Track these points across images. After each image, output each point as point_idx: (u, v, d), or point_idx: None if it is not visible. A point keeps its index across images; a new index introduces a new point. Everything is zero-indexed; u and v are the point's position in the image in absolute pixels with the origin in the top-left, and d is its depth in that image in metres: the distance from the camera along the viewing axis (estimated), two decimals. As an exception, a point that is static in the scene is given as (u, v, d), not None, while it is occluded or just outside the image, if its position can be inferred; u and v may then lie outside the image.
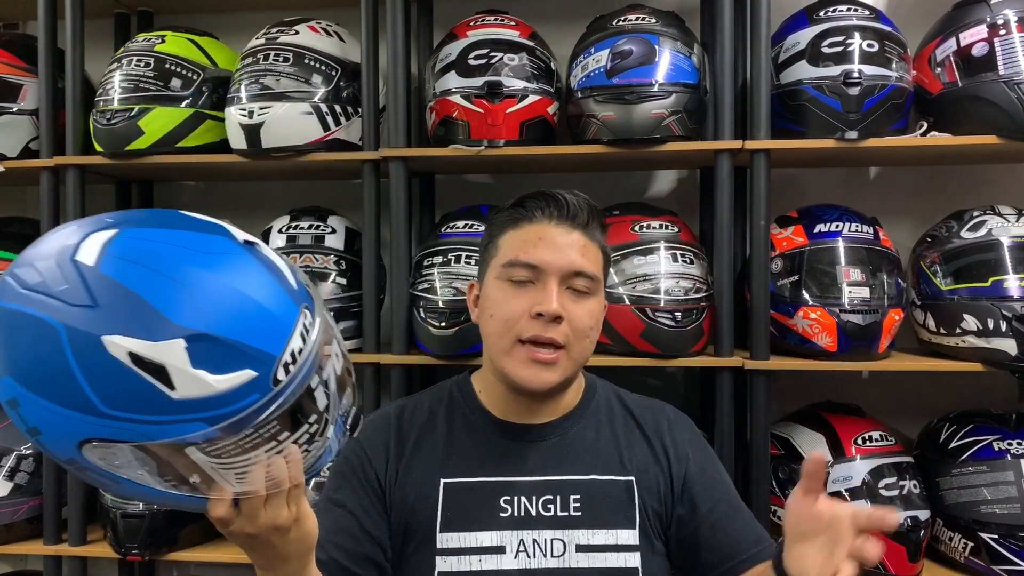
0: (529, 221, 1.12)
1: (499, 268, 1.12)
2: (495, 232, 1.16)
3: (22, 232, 1.98)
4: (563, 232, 1.11)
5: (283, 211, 1.91)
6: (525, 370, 1.08)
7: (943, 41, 1.68)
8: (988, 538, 1.58)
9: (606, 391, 1.25)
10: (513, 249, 1.11)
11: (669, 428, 1.20)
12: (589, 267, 1.11)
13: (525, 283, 1.09)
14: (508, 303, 1.09)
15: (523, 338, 1.07)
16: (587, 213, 1.13)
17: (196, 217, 0.77)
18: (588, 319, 1.10)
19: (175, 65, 1.82)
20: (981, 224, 1.68)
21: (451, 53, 1.74)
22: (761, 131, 1.65)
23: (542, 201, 1.13)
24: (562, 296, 1.08)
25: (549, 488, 1.10)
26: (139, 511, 1.73)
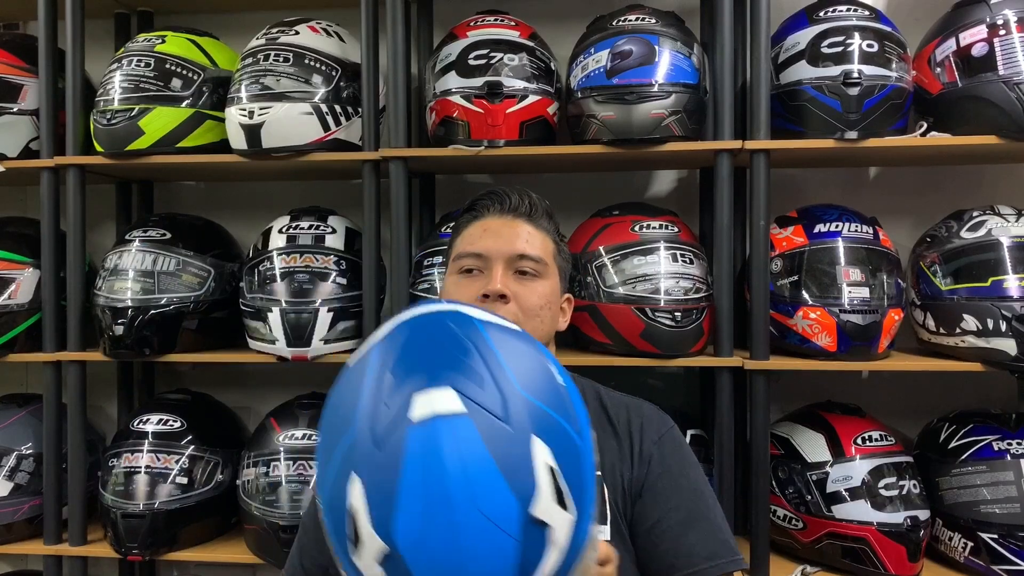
0: (476, 218, 1.21)
1: (451, 263, 1.20)
2: (453, 238, 1.24)
3: (22, 232, 1.98)
4: (506, 222, 1.18)
5: (283, 211, 1.91)
6: None
7: (943, 41, 1.68)
8: (988, 538, 1.58)
9: (584, 388, 1.20)
10: (463, 244, 1.19)
11: (640, 427, 1.17)
12: (532, 251, 1.16)
13: (474, 272, 1.16)
14: (458, 291, 1.15)
15: None
16: (528, 203, 1.20)
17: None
18: (536, 298, 1.14)
19: (175, 65, 1.82)
20: (981, 224, 1.68)
21: (451, 53, 1.74)
22: (761, 131, 1.65)
23: (487, 200, 1.21)
24: (508, 279, 1.13)
25: None
26: (139, 511, 1.73)
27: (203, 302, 1.83)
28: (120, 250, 1.84)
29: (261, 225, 1.90)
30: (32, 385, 2.23)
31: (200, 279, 1.84)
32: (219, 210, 2.13)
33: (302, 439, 1.76)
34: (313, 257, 1.78)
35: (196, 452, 1.81)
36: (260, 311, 1.75)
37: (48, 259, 1.87)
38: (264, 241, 1.83)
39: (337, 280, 1.77)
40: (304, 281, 1.75)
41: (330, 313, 1.73)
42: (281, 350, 1.73)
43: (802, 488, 1.67)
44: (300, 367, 1.78)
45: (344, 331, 1.76)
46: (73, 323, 1.85)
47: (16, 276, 1.90)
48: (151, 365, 2.17)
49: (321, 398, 1.90)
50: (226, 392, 2.11)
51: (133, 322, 1.76)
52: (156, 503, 1.74)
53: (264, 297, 1.75)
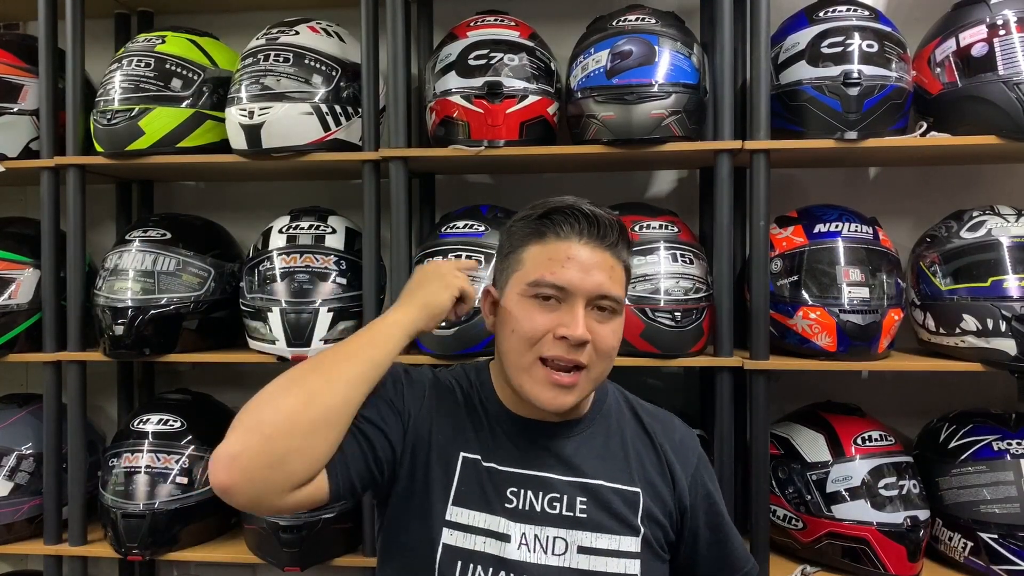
0: (556, 236, 1.07)
1: (523, 286, 1.07)
2: (517, 243, 1.11)
3: (22, 232, 1.98)
4: (591, 252, 1.06)
5: (283, 211, 1.91)
6: (544, 392, 1.05)
7: (943, 41, 1.68)
8: (988, 538, 1.58)
9: (615, 395, 1.23)
10: (539, 267, 1.06)
11: (681, 446, 1.19)
12: (615, 290, 1.07)
13: (549, 299, 1.06)
14: (532, 320, 1.05)
15: (545, 356, 1.05)
16: (617, 233, 1.08)
17: None
18: (612, 339, 1.08)
19: (175, 65, 1.82)
20: (980, 224, 1.68)
21: (451, 53, 1.74)
22: (761, 131, 1.65)
23: (572, 217, 1.07)
24: (587, 318, 1.05)
25: (556, 487, 1.09)
26: (139, 511, 1.73)
27: (203, 302, 1.83)
28: (120, 250, 1.84)
29: (261, 225, 1.90)
30: (32, 385, 2.23)
31: (200, 279, 1.84)
32: (219, 210, 2.13)
33: (302, 439, 1.76)
34: (313, 257, 1.78)
35: (196, 452, 1.81)
36: (260, 311, 1.75)
37: (48, 259, 1.87)
38: (264, 241, 1.83)
39: (337, 280, 1.77)
40: (304, 281, 1.75)
41: (330, 313, 1.73)
42: (281, 350, 1.74)
43: (802, 488, 1.67)
44: (300, 367, 1.78)
45: (344, 331, 1.76)
46: (73, 323, 1.85)
47: (16, 276, 1.90)
48: (151, 365, 2.17)
49: (321, 398, 1.89)
50: (226, 392, 2.11)
51: (133, 322, 1.76)
52: (156, 503, 1.74)
53: (264, 297, 1.75)
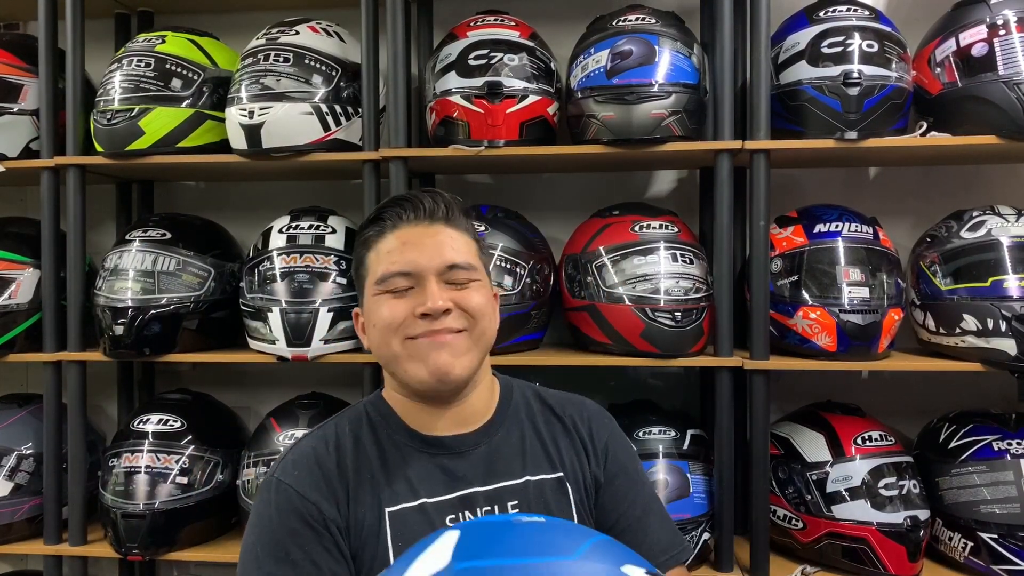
0: (392, 230, 1.07)
1: (373, 286, 1.07)
2: (361, 253, 1.11)
3: (22, 232, 1.98)
4: (426, 230, 1.06)
5: (283, 211, 1.91)
6: (422, 360, 1.02)
7: (943, 41, 1.68)
8: (988, 538, 1.58)
9: (523, 391, 1.20)
10: (382, 263, 1.06)
11: (588, 423, 1.16)
12: (461, 258, 1.06)
13: (402, 291, 1.05)
14: (389, 309, 1.04)
15: (411, 336, 1.03)
16: (444, 205, 1.08)
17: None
18: (478, 297, 1.06)
19: (176, 65, 1.82)
20: (980, 224, 1.68)
21: (451, 53, 1.74)
22: (761, 131, 1.65)
23: (397, 207, 1.08)
24: (444, 291, 1.04)
25: (488, 498, 1.06)
26: (139, 511, 1.73)
27: (203, 302, 1.83)
28: (120, 250, 1.84)
29: (261, 225, 1.90)
30: (32, 385, 2.23)
31: (200, 279, 1.84)
32: (219, 210, 2.13)
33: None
34: (313, 257, 1.78)
35: (196, 452, 1.81)
36: (260, 311, 1.75)
37: (48, 259, 1.87)
38: (264, 241, 1.83)
39: (337, 280, 1.77)
40: (304, 281, 1.75)
41: (330, 313, 1.73)
42: (281, 350, 1.74)
43: (802, 488, 1.67)
44: (300, 367, 1.78)
45: (344, 331, 1.76)
46: (73, 323, 1.85)
47: (16, 276, 1.90)
48: (151, 365, 2.17)
49: (321, 398, 1.90)
50: (226, 392, 2.11)
51: (133, 322, 1.76)
52: (156, 503, 1.74)
53: (264, 297, 1.75)
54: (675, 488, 1.66)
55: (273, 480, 1.04)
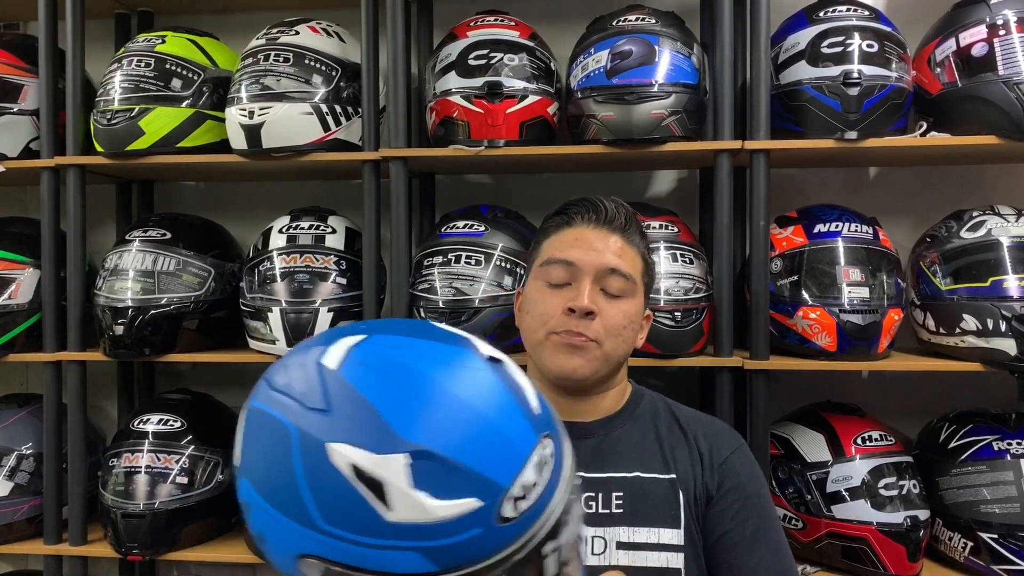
0: (570, 226, 1.17)
1: (537, 269, 1.16)
2: (539, 239, 1.21)
3: (22, 232, 1.98)
4: (600, 234, 1.14)
5: (283, 211, 1.91)
6: (556, 357, 1.10)
7: (943, 41, 1.68)
8: (988, 538, 1.58)
9: (655, 399, 1.24)
10: (551, 250, 1.15)
11: (714, 438, 1.18)
12: (624, 266, 1.12)
13: (562, 286, 1.12)
14: (544, 300, 1.12)
15: (555, 331, 1.10)
16: (624, 217, 1.16)
17: (445, 329, 0.71)
18: (621, 318, 1.11)
19: (176, 65, 1.82)
20: (980, 224, 1.68)
21: (451, 53, 1.74)
22: (761, 131, 1.65)
23: (581, 207, 1.17)
24: (595, 295, 1.10)
25: (591, 485, 1.09)
26: (139, 511, 1.73)
27: (203, 302, 1.84)
28: (120, 250, 1.84)
29: (261, 225, 1.90)
30: (32, 385, 2.23)
31: (200, 279, 1.84)
32: (219, 210, 2.13)
33: (302, 439, 1.76)
34: (313, 257, 1.78)
35: (196, 452, 1.81)
36: (260, 311, 1.75)
37: (48, 259, 1.87)
38: (264, 241, 1.83)
39: (337, 280, 1.77)
40: (304, 281, 1.75)
41: (330, 313, 1.73)
42: (281, 350, 1.73)
43: (802, 488, 1.67)
44: (300, 367, 1.78)
45: (344, 331, 1.76)
46: (73, 323, 1.85)
47: (16, 276, 1.90)
48: (151, 365, 2.17)
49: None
50: (226, 392, 2.11)
51: (133, 322, 1.76)
52: (156, 503, 1.74)
53: (264, 297, 1.75)
54: (675, 488, 1.66)
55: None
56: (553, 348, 1.10)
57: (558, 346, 1.10)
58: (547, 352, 1.11)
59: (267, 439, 0.61)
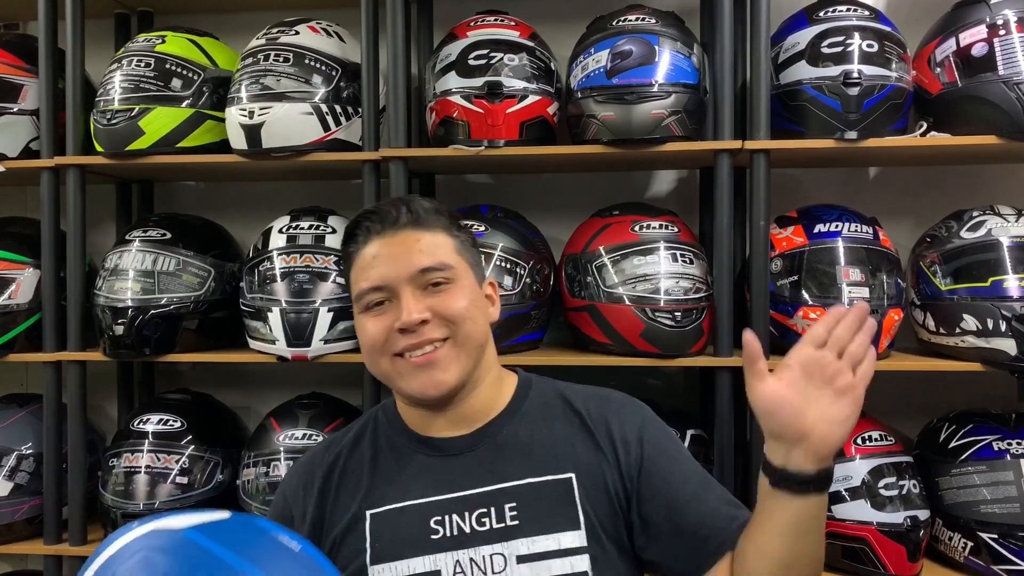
0: (363, 245, 1.08)
1: (356, 305, 1.08)
2: (346, 271, 1.12)
3: (22, 232, 1.98)
4: (393, 239, 1.06)
5: (283, 211, 1.91)
6: (416, 380, 1.03)
7: (943, 41, 1.68)
8: (988, 538, 1.58)
9: (543, 388, 1.16)
10: (358, 281, 1.07)
11: (616, 415, 1.10)
12: (430, 260, 1.04)
13: (383, 304, 1.05)
14: (369, 330, 1.05)
15: (397, 351, 1.03)
16: (407, 210, 1.07)
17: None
18: (459, 303, 1.04)
19: (175, 65, 1.82)
20: (980, 224, 1.68)
21: (451, 53, 1.74)
22: (761, 131, 1.65)
23: (365, 221, 1.08)
24: (421, 298, 1.03)
25: (481, 500, 1.04)
26: (139, 511, 1.73)
27: (203, 302, 1.83)
28: (120, 250, 1.84)
29: (261, 225, 1.90)
30: (32, 385, 2.23)
31: (200, 279, 1.84)
32: (219, 210, 2.13)
33: (302, 439, 1.76)
34: (313, 257, 1.78)
35: (196, 452, 1.81)
36: (260, 311, 1.75)
37: (48, 259, 1.87)
38: (264, 241, 1.83)
39: (337, 280, 1.77)
40: (304, 281, 1.75)
41: (330, 313, 1.73)
42: (281, 350, 1.74)
43: (802, 488, 1.66)
44: (300, 367, 1.78)
45: (344, 331, 1.76)
46: (73, 323, 1.85)
47: (16, 276, 1.90)
48: (151, 365, 2.17)
49: (321, 398, 1.90)
50: (226, 392, 2.11)
51: (133, 322, 1.76)
52: (156, 503, 1.74)
53: (264, 297, 1.75)
54: (675, 488, 1.66)
55: (283, 478, 1.14)
56: (407, 372, 1.04)
57: (411, 369, 1.03)
58: (401, 378, 1.05)
59: None
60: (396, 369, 1.05)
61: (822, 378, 0.90)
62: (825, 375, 0.90)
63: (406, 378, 1.04)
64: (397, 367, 1.04)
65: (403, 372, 1.04)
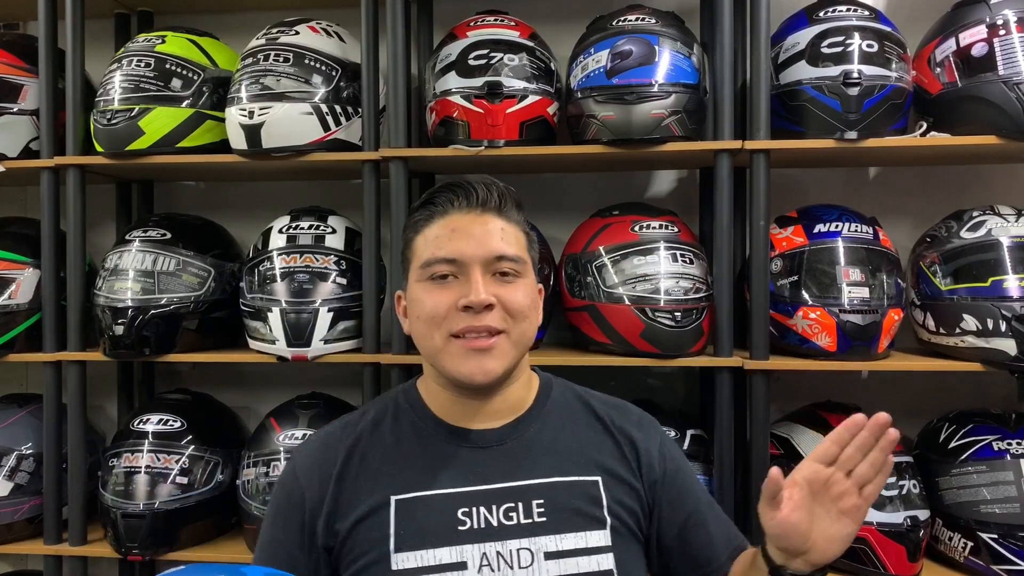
0: (441, 215, 1.06)
1: (418, 271, 1.05)
2: (409, 236, 1.10)
3: (22, 232, 1.98)
4: (477, 219, 1.04)
5: (283, 211, 1.91)
6: (465, 363, 1.01)
7: (943, 41, 1.68)
8: (988, 538, 1.58)
9: (563, 389, 1.18)
10: (428, 248, 1.04)
11: (638, 428, 1.14)
12: (511, 249, 1.04)
13: (447, 278, 1.03)
14: (432, 299, 1.02)
15: (455, 332, 1.01)
16: (498, 195, 1.06)
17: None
18: (522, 298, 1.04)
19: (175, 65, 1.82)
20: (980, 224, 1.68)
21: (451, 53, 1.74)
22: (761, 131, 1.65)
23: (449, 192, 1.06)
24: (490, 283, 1.02)
25: (510, 495, 1.04)
26: (139, 511, 1.73)
27: (203, 302, 1.83)
28: (120, 250, 1.84)
29: (261, 225, 1.90)
30: (32, 385, 2.23)
31: (200, 279, 1.84)
32: (219, 210, 2.13)
33: (302, 439, 1.76)
34: (313, 257, 1.78)
35: (196, 452, 1.81)
36: (260, 311, 1.75)
37: (48, 259, 1.87)
38: (264, 241, 1.83)
39: (337, 280, 1.77)
40: (304, 281, 1.75)
41: (330, 313, 1.73)
42: (281, 350, 1.74)
43: (802, 488, 1.66)
44: (300, 367, 1.78)
45: (344, 331, 1.76)
46: (73, 323, 1.85)
47: (16, 276, 1.90)
48: (151, 365, 2.17)
49: (321, 398, 1.90)
50: (226, 392, 2.11)
51: (133, 322, 1.76)
52: (156, 503, 1.74)
53: (264, 297, 1.75)
54: (675, 488, 1.66)
55: (292, 454, 1.10)
56: (458, 354, 1.02)
57: (464, 352, 1.01)
58: (451, 359, 1.02)
59: None
60: (448, 348, 1.02)
61: (828, 496, 0.93)
62: (831, 494, 0.92)
63: (456, 359, 1.02)
64: (450, 347, 1.02)
65: (454, 353, 1.02)
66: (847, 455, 0.92)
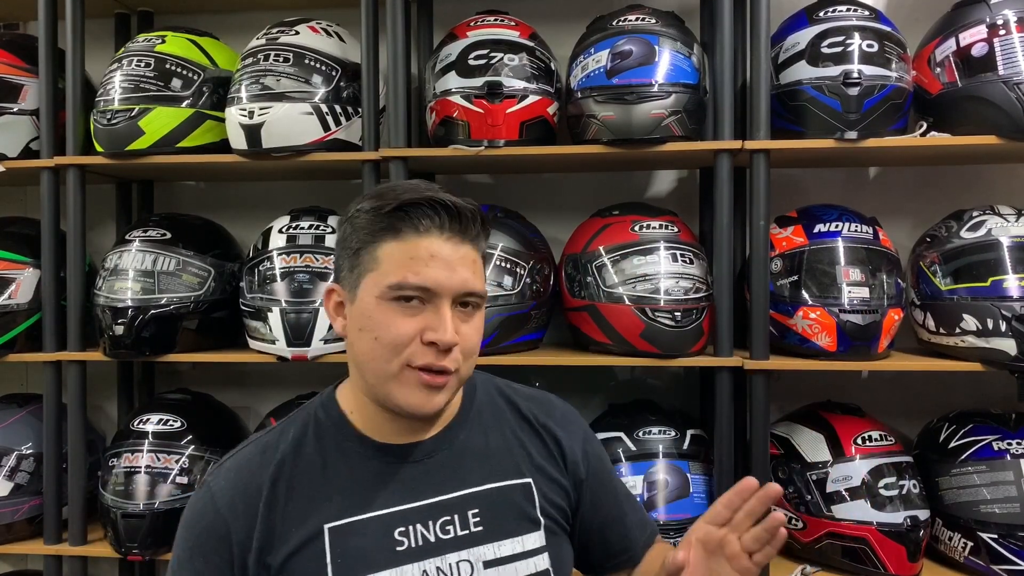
0: (415, 232, 0.96)
1: (383, 288, 0.96)
2: (368, 239, 0.98)
3: (22, 232, 1.98)
4: (455, 247, 0.97)
5: (283, 211, 1.91)
6: (415, 395, 0.97)
7: (943, 41, 1.69)
8: (988, 538, 1.58)
9: (487, 387, 1.15)
10: (399, 268, 0.96)
11: (562, 427, 1.13)
12: (479, 285, 1.00)
13: (411, 300, 0.96)
14: (396, 326, 0.95)
15: (415, 365, 0.96)
16: (479, 225, 1.00)
17: None
18: (476, 337, 1.01)
19: (175, 65, 1.82)
20: (980, 224, 1.68)
21: (451, 53, 1.74)
22: (761, 131, 1.65)
23: (431, 209, 0.96)
24: (454, 316, 0.97)
25: (445, 508, 1.01)
26: (139, 511, 1.73)
27: (203, 302, 1.83)
28: (120, 250, 1.84)
29: (261, 225, 1.90)
30: (32, 385, 2.23)
31: (200, 279, 1.84)
32: (219, 210, 2.13)
33: (302, 439, 1.76)
34: (313, 257, 1.78)
35: (196, 452, 1.81)
36: (260, 311, 1.75)
37: (48, 259, 1.87)
38: (264, 241, 1.83)
39: (337, 280, 1.77)
40: (304, 281, 1.75)
41: (330, 313, 1.73)
42: (281, 350, 1.74)
43: (802, 488, 1.67)
44: (300, 367, 1.78)
45: (344, 331, 1.76)
46: (73, 323, 1.85)
47: (16, 276, 1.90)
48: (151, 365, 2.17)
49: (321, 398, 1.89)
50: (226, 392, 2.11)
51: (133, 322, 1.76)
52: (156, 503, 1.74)
53: (264, 297, 1.75)
54: (675, 488, 1.66)
55: (207, 480, 1.02)
56: (412, 385, 0.96)
57: (418, 385, 0.96)
58: (402, 389, 0.97)
59: None
60: (402, 378, 0.97)
61: (723, 555, 0.94)
62: (725, 553, 0.94)
63: (407, 389, 0.97)
64: (404, 375, 0.97)
65: (408, 383, 0.97)
66: (737, 520, 0.94)
